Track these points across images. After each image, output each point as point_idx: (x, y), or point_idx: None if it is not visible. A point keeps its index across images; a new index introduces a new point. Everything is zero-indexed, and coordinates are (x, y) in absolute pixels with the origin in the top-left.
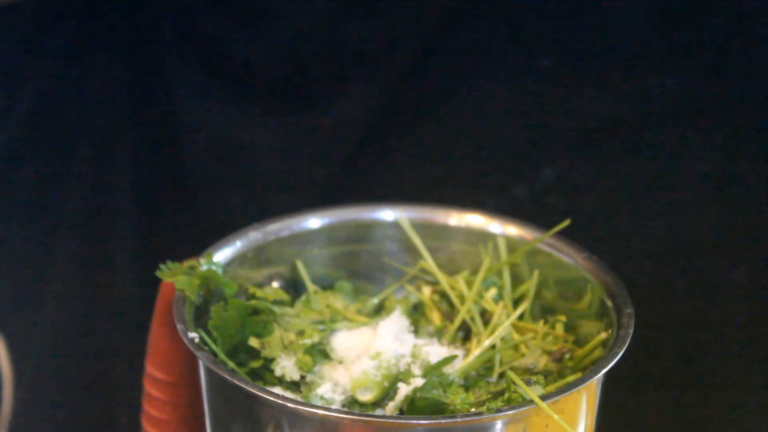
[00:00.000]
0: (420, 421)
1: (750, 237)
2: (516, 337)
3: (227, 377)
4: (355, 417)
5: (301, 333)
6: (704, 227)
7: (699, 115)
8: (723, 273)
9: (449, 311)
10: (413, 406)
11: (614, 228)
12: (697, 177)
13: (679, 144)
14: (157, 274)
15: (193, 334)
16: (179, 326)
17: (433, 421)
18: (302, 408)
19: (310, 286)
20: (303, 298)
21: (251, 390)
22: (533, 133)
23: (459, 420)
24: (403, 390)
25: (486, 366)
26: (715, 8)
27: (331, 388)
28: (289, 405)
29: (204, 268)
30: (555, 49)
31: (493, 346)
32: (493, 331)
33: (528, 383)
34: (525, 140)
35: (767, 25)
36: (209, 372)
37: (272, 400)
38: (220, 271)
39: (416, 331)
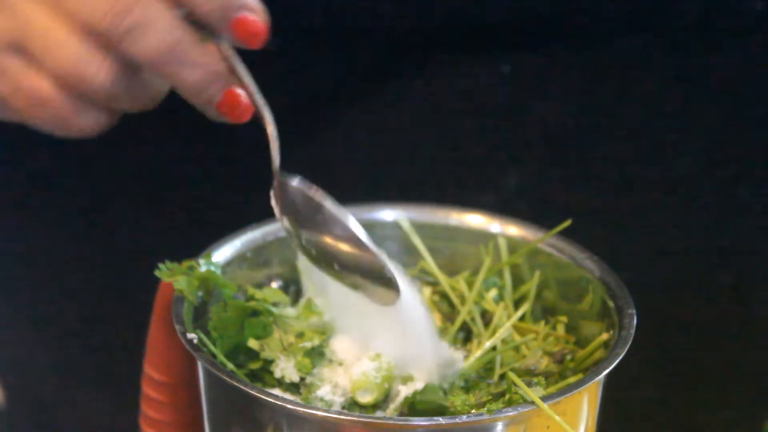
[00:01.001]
0: (420, 423)
1: (754, 237)
2: (517, 338)
3: (226, 378)
4: (355, 418)
5: (300, 335)
6: (707, 227)
7: (699, 114)
8: (727, 273)
9: (450, 312)
10: (413, 409)
11: (616, 228)
12: (700, 177)
13: (682, 144)
14: (156, 273)
15: (191, 335)
16: (178, 327)
17: (433, 422)
18: (301, 409)
19: (311, 288)
20: (303, 301)
21: (250, 391)
22: (534, 132)
23: (460, 421)
24: (403, 392)
25: (486, 368)
26: (687, 6)
27: (330, 390)
28: (289, 406)
29: (203, 269)
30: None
31: (493, 348)
32: (493, 333)
33: (529, 384)
34: (525, 139)
35: (739, 19)
36: (208, 373)
37: (271, 402)
38: (219, 272)
39: None
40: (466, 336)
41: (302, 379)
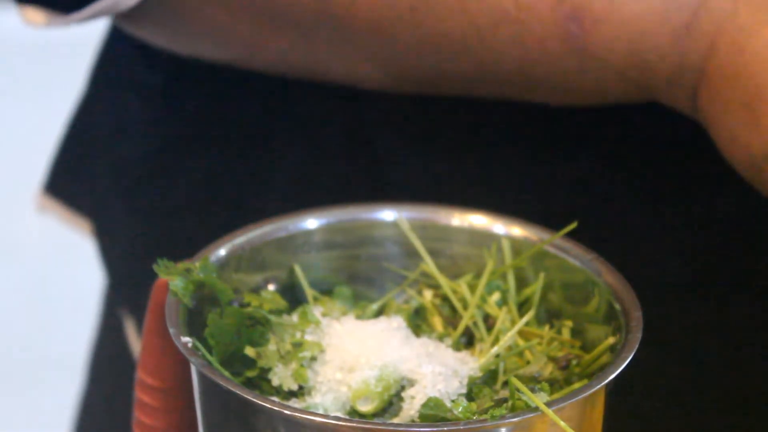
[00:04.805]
0: (422, 429)
1: (762, 238)
2: (521, 342)
3: (221, 382)
4: (354, 424)
5: (298, 345)
6: (715, 228)
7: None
8: (735, 274)
9: (451, 316)
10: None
11: (621, 229)
12: (707, 176)
13: (690, 143)
14: (154, 267)
15: (186, 339)
16: (172, 330)
17: (434, 429)
18: (299, 415)
19: (309, 292)
20: (300, 309)
21: (246, 396)
22: (537, 130)
23: (462, 427)
24: (406, 407)
25: (489, 374)
26: None
27: (330, 398)
28: (286, 411)
29: (201, 273)
30: None
31: (497, 355)
32: (496, 338)
33: (532, 390)
34: (529, 138)
35: None
36: (202, 377)
37: (268, 407)
38: (215, 275)
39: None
40: (468, 339)
41: (300, 387)
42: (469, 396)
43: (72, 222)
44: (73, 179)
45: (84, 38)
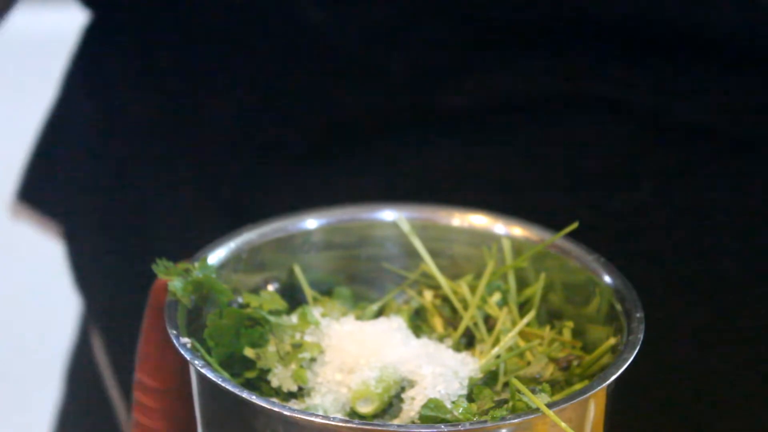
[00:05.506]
0: (422, 430)
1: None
2: (521, 343)
3: (220, 383)
4: (354, 425)
5: (298, 346)
6: (719, 227)
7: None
8: (738, 276)
9: (452, 317)
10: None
11: (623, 229)
12: (707, 176)
13: (693, 143)
14: (153, 268)
15: (185, 339)
16: (171, 331)
17: (435, 430)
18: (299, 416)
19: (308, 292)
20: (300, 310)
21: (245, 397)
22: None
23: (462, 429)
24: (407, 408)
25: (490, 375)
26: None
27: (330, 399)
28: (286, 413)
29: (199, 274)
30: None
31: (497, 356)
32: (497, 339)
33: (533, 391)
34: (529, 137)
35: None
36: (201, 378)
37: (268, 408)
38: (214, 276)
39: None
40: (468, 341)
41: (300, 388)
42: (470, 397)
43: (46, 227)
44: (45, 185)
45: (59, 40)
